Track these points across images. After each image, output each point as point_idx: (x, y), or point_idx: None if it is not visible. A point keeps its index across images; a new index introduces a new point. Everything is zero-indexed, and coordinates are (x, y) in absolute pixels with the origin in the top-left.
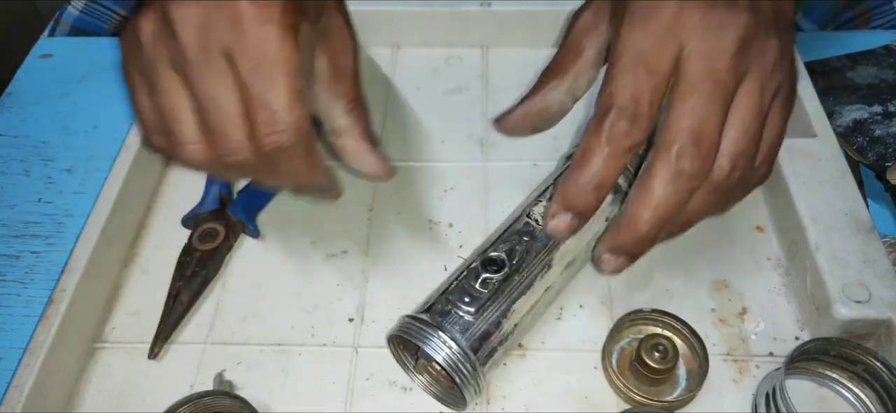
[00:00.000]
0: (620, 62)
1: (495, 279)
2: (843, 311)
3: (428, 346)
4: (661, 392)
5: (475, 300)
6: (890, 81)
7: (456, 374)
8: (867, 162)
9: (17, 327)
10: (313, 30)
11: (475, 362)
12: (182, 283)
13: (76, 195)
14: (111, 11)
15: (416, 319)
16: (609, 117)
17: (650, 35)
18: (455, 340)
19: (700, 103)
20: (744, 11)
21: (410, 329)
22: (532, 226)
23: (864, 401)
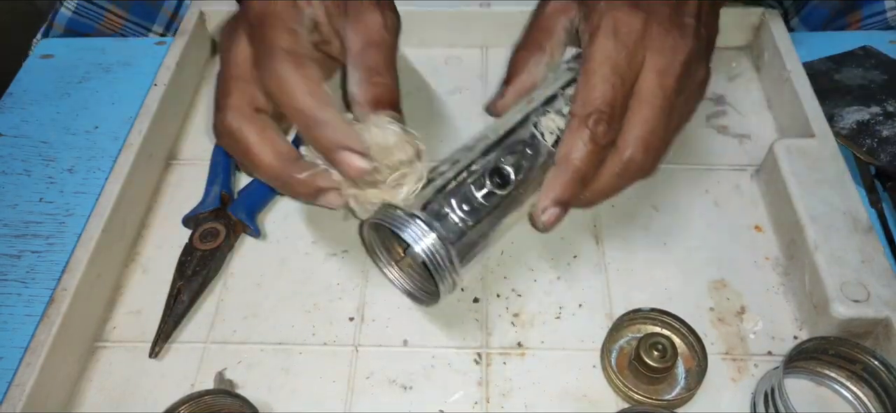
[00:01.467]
0: (600, 71)
1: (499, 195)
2: (842, 310)
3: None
4: (660, 391)
5: (475, 211)
6: (880, 82)
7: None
8: (880, 163)
9: (19, 326)
10: (340, 15)
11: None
12: (183, 283)
13: (77, 195)
14: (104, 10)
15: (410, 214)
16: (591, 120)
17: (622, 47)
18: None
19: (652, 114)
20: (691, 38)
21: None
22: (538, 140)
23: (862, 399)
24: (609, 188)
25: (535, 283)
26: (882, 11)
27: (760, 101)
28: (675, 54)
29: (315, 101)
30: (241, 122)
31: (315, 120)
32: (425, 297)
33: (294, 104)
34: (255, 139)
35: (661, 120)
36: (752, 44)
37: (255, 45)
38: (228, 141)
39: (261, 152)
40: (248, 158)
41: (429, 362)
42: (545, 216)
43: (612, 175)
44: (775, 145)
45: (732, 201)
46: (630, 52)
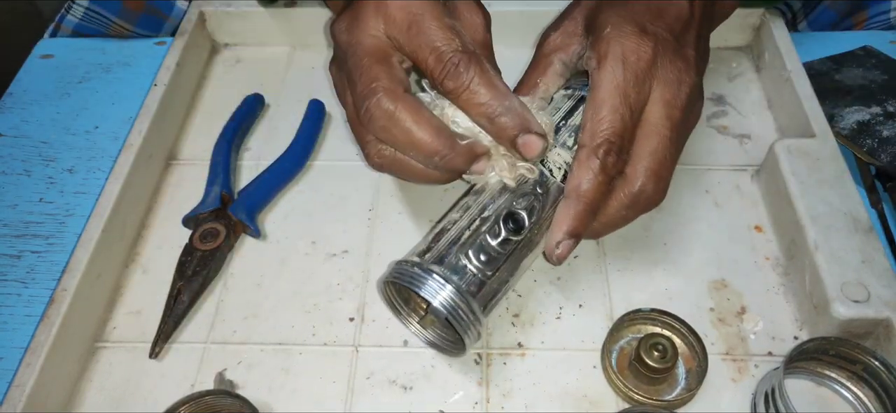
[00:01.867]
0: (610, 100)
1: (515, 241)
2: (842, 310)
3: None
4: (661, 391)
5: (492, 261)
6: (880, 82)
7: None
8: (881, 163)
9: (19, 327)
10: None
11: (482, 318)
12: (183, 283)
13: (77, 195)
14: (110, 21)
15: (427, 270)
16: (601, 151)
17: (632, 76)
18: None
19: (661, 145)
20: (694, 71)
21: (418, 280)
22: (547, 178)
23: (862, 400)
24: (620, 219)
25: (535, 283)
26: (887, 11)
27: (760, 101)
28: (680, 86)
29: (496, 96)
30: (396, 104)
31: (500, 110)
32: (451, 348)
33: (480, 104)
34: (413, 121)
35: (670, 150)
36: (753, 44)
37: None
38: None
39: (418, 134)
40: (404, 138)
41: (429, 362)
42: (559, 250)
43: (622, 206)
44: (775, 145)
45: (732, 201)
46: (639, 82)
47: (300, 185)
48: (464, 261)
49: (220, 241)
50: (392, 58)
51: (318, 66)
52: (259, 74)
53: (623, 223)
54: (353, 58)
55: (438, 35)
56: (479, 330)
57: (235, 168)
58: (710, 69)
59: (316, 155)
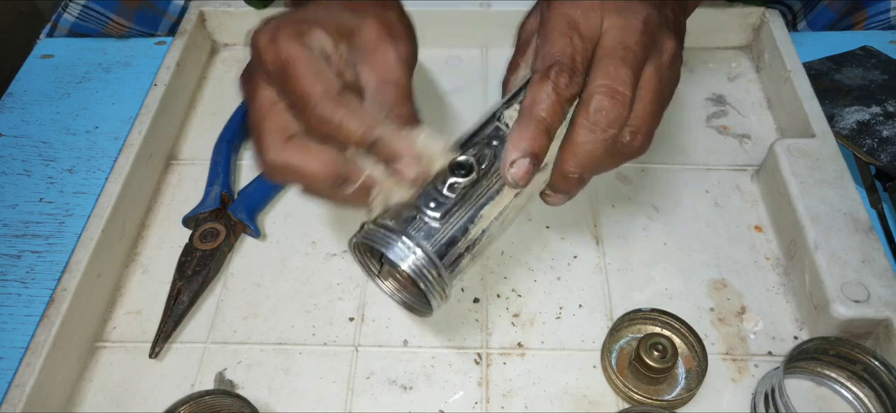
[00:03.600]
0: (557, 27)
1: (463, 184)
2: (842, 310)
3: (392, 253)
4: (660, 391)
5: (441, 205)
6: (880, 82)
7: (421, 280)
8: (880, 163)
9: (19, 327)
10: (348, 47)
11: (440, 267)
12: (183, 283)
13: (77, 195)
14: (107, 18)
15: (380, 226)
16: (552, 71)
17: (578, 8)
18: (420, 246)
19: (614, 66)
20: (649, 6)
21: (375, 236)
22: (502, 130)
23: (862, 400)
24: (588, 150)
25: (535, 283)
26: (886, 11)
27: (760, 101)
28: (634, 13)
29: (366, 125)
30: (281, 154)
31: (372, 139)
32: (422, 307)
33: (350, 135)
34: (303, 161)
35: (625, 70)
36: (752, 44)
37: (282, 88)
38: (279, 175)
39: (310, 169)
40: (303, 180)
41: (429, 362)
42: (514, 169)
43: (586, 132)
44: (775, 145)
45: (732, 201)
46: (585, 12)
47: None
48: (414, 212)
49: (220, 240)
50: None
51: None
52: None
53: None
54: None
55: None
56: (442, 284)
57: (235, 168)
58: (710, 69)
59: None
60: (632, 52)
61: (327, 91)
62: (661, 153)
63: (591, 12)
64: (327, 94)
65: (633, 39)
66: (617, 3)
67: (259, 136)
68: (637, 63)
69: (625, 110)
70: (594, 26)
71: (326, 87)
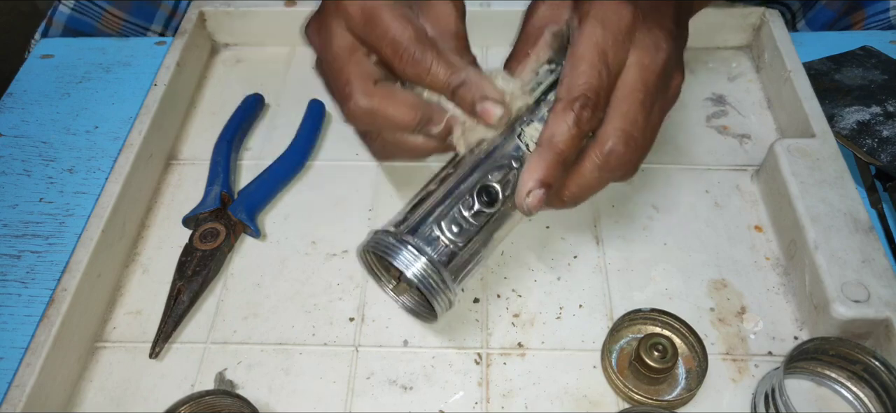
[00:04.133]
0: (588, 57)
1: (488, 213)
2: (842, 310)
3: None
4: (661, 391)
5: (464, 232)
6: (880, 82)
7: (430, 292)
8: (880, 163)
9: (19, 327)
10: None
11: (450, 282)
12: (183, 283)
13: (77, 195)
14: (102, 9)
15: (401, 241)
16: (576, 104)
17: (610, 36)
18: (444, 279)
19: (633, 109)
20: (670, 39)
21: (392, 250)
22: (523, 151)
23: (862, 400)
24: (591, 182)
25: (535, 283)
26: (885, 10)
27: (760, 101)
28: (657, 53)
29: (453, 68)
30: (371, 99)
31: (459, 82)
32: (426, 314)
33: (438, 78)
34: (390, 106)
35: (642, 115)
36: (752, 44)
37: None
38: (366, 119)
39: (398, 114)
40: (388, 124)
41: (429, 362)
42: (530, 198)
43: (595, 166)
44: (775, 145)
45: (732, 201)
46: (617, 43)
47: (300, 185)
48: (437, 232)
49: (220, 241)
50: (358, 52)
51: None
52: (259, 74)
53: (594, 187)
54: (325, 62)
55: (393, 26)
56: (451, 298)
57: (235, 168)
58: (710, 69)
59: (316, 155)
60: (649, 95)
61: (417, 37)
62: (661, 153)
63: (621, 44)
64: (417, 40)
65: (652, 81)
66: (645, 37)
67: (344, 81)
68: (651, 104)
69: (635, 157)
70: (621, 60)
71: (416, 33)
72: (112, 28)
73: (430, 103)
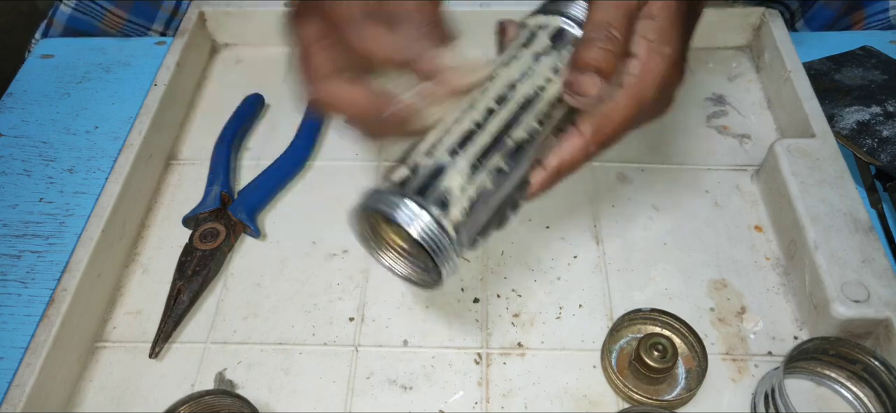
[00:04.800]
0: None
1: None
2: (842, 310)
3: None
4: (660, 391)
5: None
6: (880, 82)
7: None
8: (880, 163)
9: (19, 327)
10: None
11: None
12: (183, 283)
13: (77, 195)
14: (104, 9)
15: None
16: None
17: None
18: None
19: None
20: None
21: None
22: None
23: (862, 400)
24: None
25: (535, 283)
26: (885, 10)
27: (760, 101)
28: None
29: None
30: (329, 84)
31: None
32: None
33: (389, 55)
34: (347, 93)
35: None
36: (752, 44)
37: (323, 23)
38: (323, 106)
39: (351, 104)
40: (346, 110)
41: (429, 362)
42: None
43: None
44: (775, 145)
45: (732, 201)
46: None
47: (300, 185)
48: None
49: (220, 240)
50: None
51: None
52: (259, 74)
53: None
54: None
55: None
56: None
57: (235, 168)
58: (710, 69)
59: (316, 155)
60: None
61: (365, 13)
62: (661, 153)
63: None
64: (365, 16)
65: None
66: None
67: (301, 69)
68: None
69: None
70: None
71: (364, 10)
72: (113, 28)
73: (383, 90)
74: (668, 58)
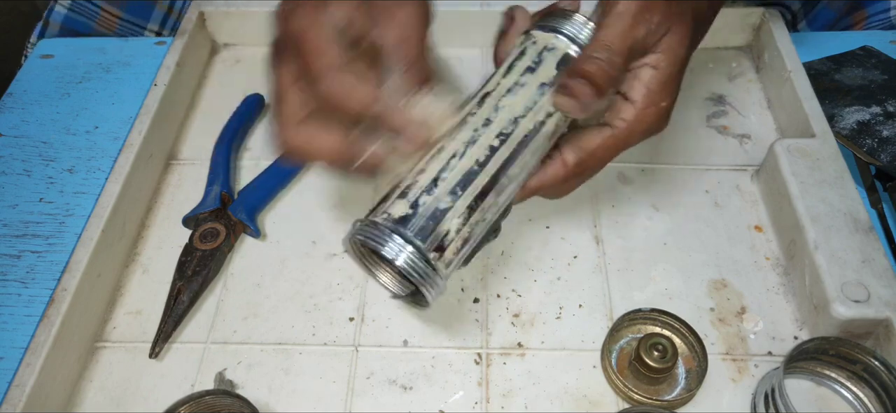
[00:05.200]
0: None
1: None
2: (842, 310)
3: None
4: (660, 391)
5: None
6: (879, 82)
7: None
8: (880, 163)
9: (19, 327)
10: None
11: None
12: (183, 283)
13: (77, 195)
14: (99, 8)
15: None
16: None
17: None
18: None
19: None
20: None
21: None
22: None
23: (862, 400)
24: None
25: (535, 283)
26: (886, 10)
27: (760, 101)
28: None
29: (369, 98)
30: (297, 131)
31: (375, 111)
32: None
33: (352, 106)
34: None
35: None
36: (752, 44)
37: (299, 64)
38: (294, 154)
39: (327, 148)
40: (317, 158)
41: (429, 362)
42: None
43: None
44: (775, 145)
45: (732, 201)
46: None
47: (300, 185)
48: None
49: (220, 241)
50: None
51: None
52: (259, 74)
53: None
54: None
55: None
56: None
57: (235, 168)
58: (710, 69)
59: None
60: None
61: (332, 64)
62: (661, 153)
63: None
64: (332, 67)
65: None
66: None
67: (274, 116)
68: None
69: None
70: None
71: (331, 61)
72: (109, 27)
73: (353, 141)
74: (662, 110)
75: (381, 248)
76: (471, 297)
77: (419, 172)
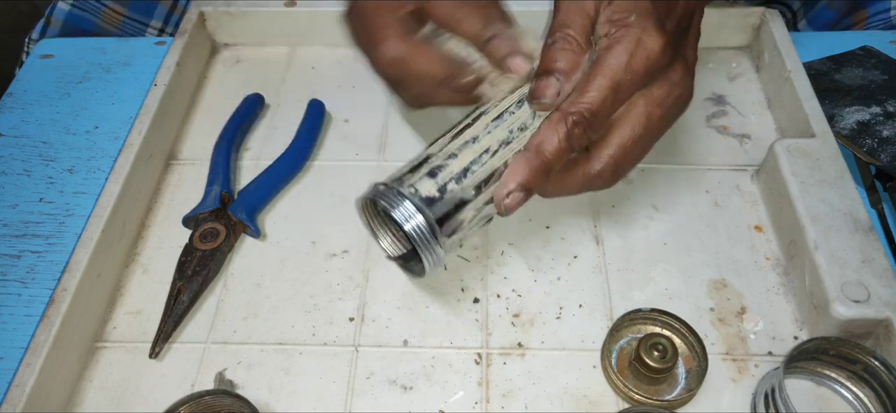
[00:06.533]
0: (600, 80)
1: None
2: (842, 310)
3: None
4: (660, 391)
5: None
6: (880, 82)
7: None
8: (880, 163)
9: (19, 327)
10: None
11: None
12: (183, 283)
13: (77, 195)
14: (102, 5)
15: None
16: (570, 119)
17: (631, 69)
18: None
19: (630, 140)
20: (689, 77)
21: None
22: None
23: (862, 400)
24: (572, 189)
25: (535, 283)
26: (886, 10)
27: (760, 101)
28: (672, 88)
29: (481, 23)
30: (400, 49)
31: (490, 35)
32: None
33: (470, 31)
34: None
35: (637, 146)
36: (752, 44)
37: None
38: (393, 69)
39: (425, 67)
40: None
41: (429, 362)
42: (509, 200)
43: (578, 181)
44: (775, 145)
45: (732, 201)
46: (635, 80)
47: (300, 185)
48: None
49: (220, 241)
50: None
51: (319, 66)
52: (259, 74)
53: (575, 193)
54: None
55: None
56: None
57: (235, 168)
58: (710, 69)
59: (316, 155)
60: (651, 129)
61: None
62: (661, 153)
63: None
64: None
65: (659, 113)
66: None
67: (375, 29)
68: (651, 140)
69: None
70: (634, 91)
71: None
72: (112, 24)
73: (457, 58)
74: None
75: (404, 225)
76: (471, 297)
77: (450, 156)
